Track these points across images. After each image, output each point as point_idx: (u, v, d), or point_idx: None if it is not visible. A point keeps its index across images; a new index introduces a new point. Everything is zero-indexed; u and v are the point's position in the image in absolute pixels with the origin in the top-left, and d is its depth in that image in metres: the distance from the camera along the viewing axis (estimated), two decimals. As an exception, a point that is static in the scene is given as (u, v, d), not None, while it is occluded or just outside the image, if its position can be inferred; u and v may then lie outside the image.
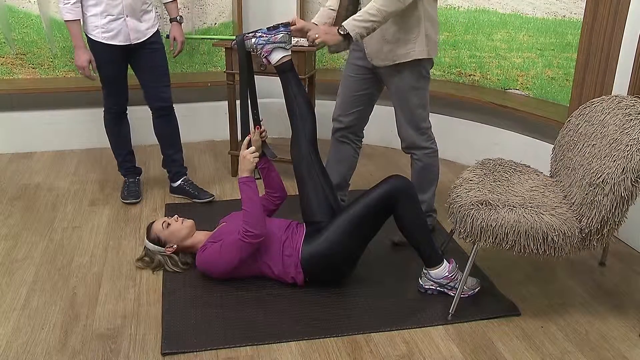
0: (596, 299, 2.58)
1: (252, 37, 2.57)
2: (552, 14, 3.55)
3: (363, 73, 2.81)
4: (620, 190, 2.17)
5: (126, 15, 3.01)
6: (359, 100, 2.87)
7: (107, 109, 3.31)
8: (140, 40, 3.09)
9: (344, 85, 2.88)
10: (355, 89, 2.85)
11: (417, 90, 2.73)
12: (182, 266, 2.69)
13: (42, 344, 2.23)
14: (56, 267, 2.73)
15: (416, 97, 2.74)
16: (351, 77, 2.84)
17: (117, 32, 3.03)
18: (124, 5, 2.99)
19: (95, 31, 3.03)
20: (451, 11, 3.93)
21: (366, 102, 2.88)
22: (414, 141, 2.83)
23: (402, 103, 2.76)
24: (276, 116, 3.72)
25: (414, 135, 2.81)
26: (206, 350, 2.20)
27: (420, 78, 2.71)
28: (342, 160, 2.99)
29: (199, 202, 3.37)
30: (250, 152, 2.55)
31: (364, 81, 2.82)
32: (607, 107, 2.47)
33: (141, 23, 3.08)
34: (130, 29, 3.04)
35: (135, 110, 3.45)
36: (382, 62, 2.67)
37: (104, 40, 3.03)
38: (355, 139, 3.00)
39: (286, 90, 2.66)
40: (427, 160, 2.88)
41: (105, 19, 3.00)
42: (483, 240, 2.30)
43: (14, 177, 3.72)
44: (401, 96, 2.74)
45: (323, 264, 2.50)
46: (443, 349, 2.24)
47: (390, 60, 2.65)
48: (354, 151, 3.02)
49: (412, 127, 2.79)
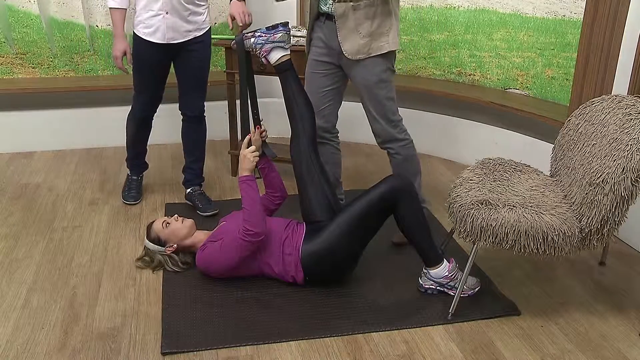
0: (596, 298, 2.58)
1: (251, 37, 2.58)
2: (552, 13, 3.55)
3: (328, 69, 2.83)
4: (620, 190, 2.17)
5: (165, 12, 2.90)
6: (328, 96, 2.88)
7: (132, 110, 3.23)
8: (176, 41, 2.98)
9: (310, 83, 2.88)
10: (322, 85, 2.86)
11: (385, 82, 2.77)
12: (182, 266, 2.69)
13: (42, 343, 2.23)
14: (56, 267, 2.73)
15: (384, 90, 2.78)
16: (317, 73, 2.85)
17: (156, 29, 2.93)
18: (164, 1, 2.90)
19: (138, 26, 2.97)
20: (451, 11, 3.92)
21: (335, 97, 2.90)
22: (388, 134, 2.84)
23: (371, 97, 2.78)
24: (276, 116, 3.72)
25: (387, 127, 2.83)
26: (206, 349, 2.20)
27: (387, 70, 2.77)
28: (326, 162, 2.96)
29: (200, 214, 3.25)
30: (250, 152, 2.56)
31: (330, 76, 2.84)
32: (607, 107, 2.47)
33: (184, 23, 2.96)
34: (168, 27, 2.93)
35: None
36: (358, 56, 2.70)
37: (144, 36, 2.96)
38: (332, 137, 3.00)
39: (285, 89, 2.66)
40: (405, 152, 2.89)
41: (147, 14, 2.92)
42: (483, 239, 2.30)
43: (14, 177, 3.72)
44: (369, 90, 2.77)
45: (323, 263, 2.50)
46: (443, 349, 2.24)
47: (365, 53, 2.69)
48: (334, 149, 3.03)
49: (383, 120, 2.82)
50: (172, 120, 3.38)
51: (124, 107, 4.09)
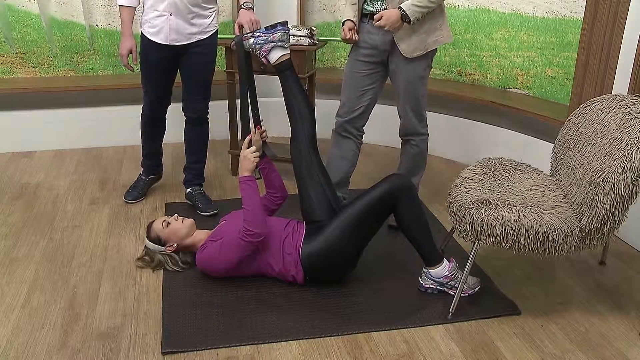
0: (596, 298, 2.58)
1: (251, 37, 2.58)
2: (552, 13, 3.55)
3: (371, 68, 2.89)
4: (621, 190, 2.16)
5: (170, 13, 2.89)
6: (367, 95, 2.94)
7: (143, 108, 3.24)
8: (179, 42, 2.96)
9: (351, 81, 2.94)
10: (363, 84, 2.92)
11: (424, 79, 2.89)
12: (182, 265, 2.68)
13: (42, 343, 2.23)
14: (56, 266, 2.73)
15: (422, 86, 2.89)
16: (358, 73, 2.91)
17: (159, 30, 2.93)
18: (169, 2, 2.88)
19: (145, 25, 2.97)
20: (451, 10, 3.92)
21: (372, 96, 2.97)
22: (415, 128, 2.96)
23: (410, 93, 2.87)
24: (276, 115, 3.72)
25: (416, 122, 2.94)
26: (206, 349, 2.20)
27: (427, 67, 2.87)
28: (344, 156, 3.03)
29: (200, 214, 3.24)
30: (250, 152, 2.56)
31: (371, 76, 2.91)
32: (608, 106, 2.47)
33: (188, 26, 2.94)
34: (171, 28, 2.92)
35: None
36: (415, 53, 2.78)
37: (149, 35, 2.96)
38: (358, 134, 3.05)
39: (285, 89, 2.66)
40: (422, 145, 3.02)
41: (152, 14, 2.93)
42: (483, 239, 2.30)
43: (14, 176, 3.72)
44: (410, 86, 2.85)
45: (323, 262, 2.50)
46: (443, 348, 2.24)
47: (422, 49, 2.78)
48: (355, 147, 3.06)
49: (415, 115, 2.92)
50: (172, 120, 3.38)
51: (124, 106, 4.13)
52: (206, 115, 3.25)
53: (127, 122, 4.01)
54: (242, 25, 2.85)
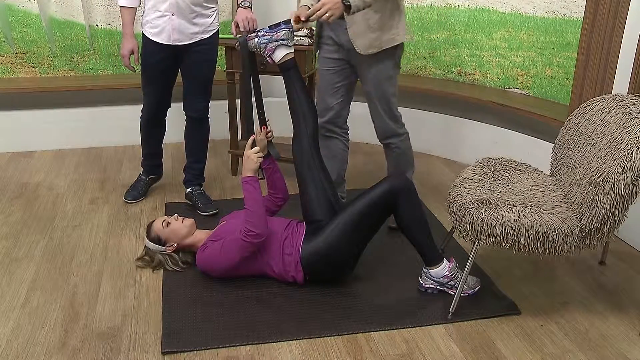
0: (596, 297, 2.58)
1: (255, 37, 2.57)
2: (552, 13, 3.55)
3: (339, 65, 2.86)
4: (621, 189, 2.16)
5: (172, 13, 2.89)
6: (340, 91, 2.91)
7: (142, 111, 3.24)
8: (182, 42, 2.96)
9: (322, 80, 2.92)
10: (334, 81, 2.89)
11: (392, 79, 2.83)
12: (182, 265, 2.68)
13: (42, 342, 2.23)
14: (56, 266, 2.73)
15: (391, 86, 2.83)
16: (327, 70, 2.89)
17: (161, 30, 2.93)
18: (171, 2, 2.88)
19: (146, 26, 2.97)
20: (451, 10, 3.92)
21: (345, 92, 2.93)
22: (390, 129, 2.91)
23: (379, 93, 2.82)
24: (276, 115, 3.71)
25: (391, 123, 2.90)
26: (206, 349, 2.20)
27: (395, 66, 2.82)
28: (333, 156, 3.02)
29: (200, 214, 3.24)
30: (254, 152, 2.55)
31: (341, 72, 2.88)
32: (608, 106, 2.47)
33: (190, 25, 2.95)
34: (174, 28, 2.92)
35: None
36: (370, 50, 2.71)
37: (150, 36, 2.96)
38: (342, 132, 3.03)
39: (289, 87, 2.66)
40: (404, 145, 2.97)
41: (154, 14, 2.92)
42: (483, 239, 2.30)
43: (14, 176, 3.72)
44: (378, 86, 2.81)
45: (323, 262, 2.50)
46: (443, 348, 2.24)
47: (377, 47, 2.71)
48: (343, 144, 3.05)
49: (388, 116, 2.88)
50: (172, 120, 3.38)
51: (124, 106, 4.12)
52: (207, 115, 3.25)
53: (127, 122, 4.00)
54: (237, 24, 2.88)
